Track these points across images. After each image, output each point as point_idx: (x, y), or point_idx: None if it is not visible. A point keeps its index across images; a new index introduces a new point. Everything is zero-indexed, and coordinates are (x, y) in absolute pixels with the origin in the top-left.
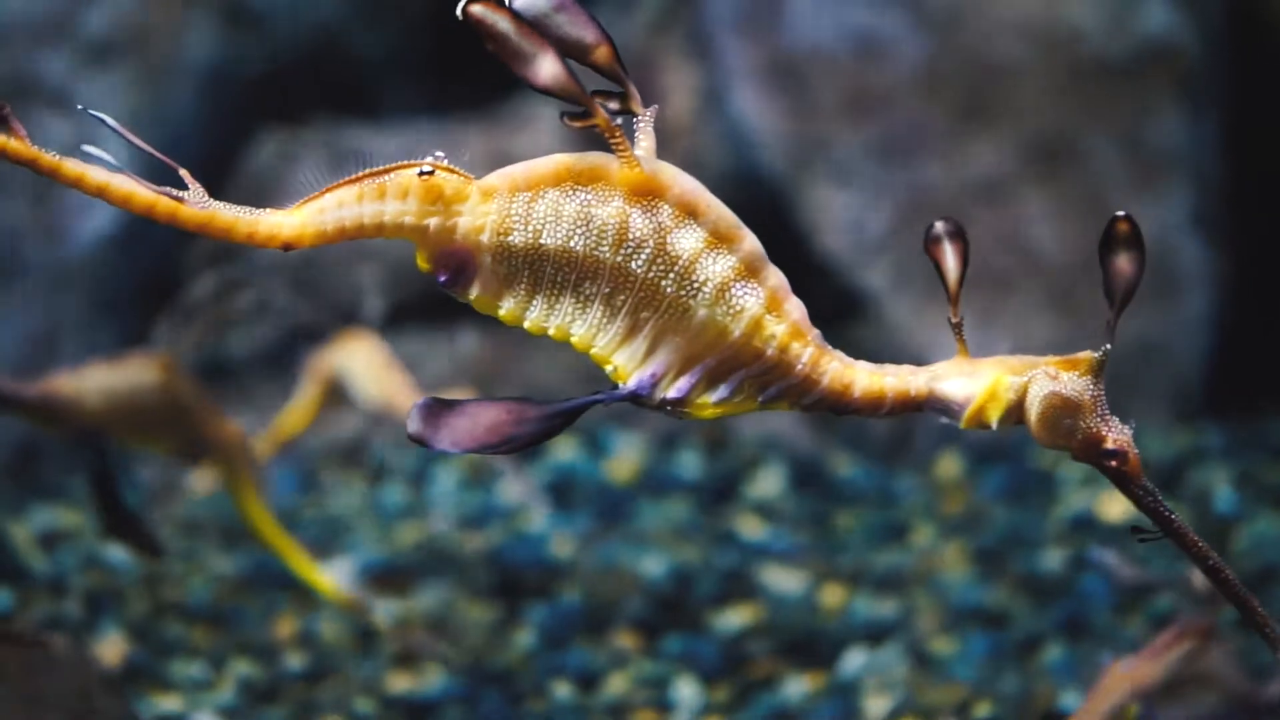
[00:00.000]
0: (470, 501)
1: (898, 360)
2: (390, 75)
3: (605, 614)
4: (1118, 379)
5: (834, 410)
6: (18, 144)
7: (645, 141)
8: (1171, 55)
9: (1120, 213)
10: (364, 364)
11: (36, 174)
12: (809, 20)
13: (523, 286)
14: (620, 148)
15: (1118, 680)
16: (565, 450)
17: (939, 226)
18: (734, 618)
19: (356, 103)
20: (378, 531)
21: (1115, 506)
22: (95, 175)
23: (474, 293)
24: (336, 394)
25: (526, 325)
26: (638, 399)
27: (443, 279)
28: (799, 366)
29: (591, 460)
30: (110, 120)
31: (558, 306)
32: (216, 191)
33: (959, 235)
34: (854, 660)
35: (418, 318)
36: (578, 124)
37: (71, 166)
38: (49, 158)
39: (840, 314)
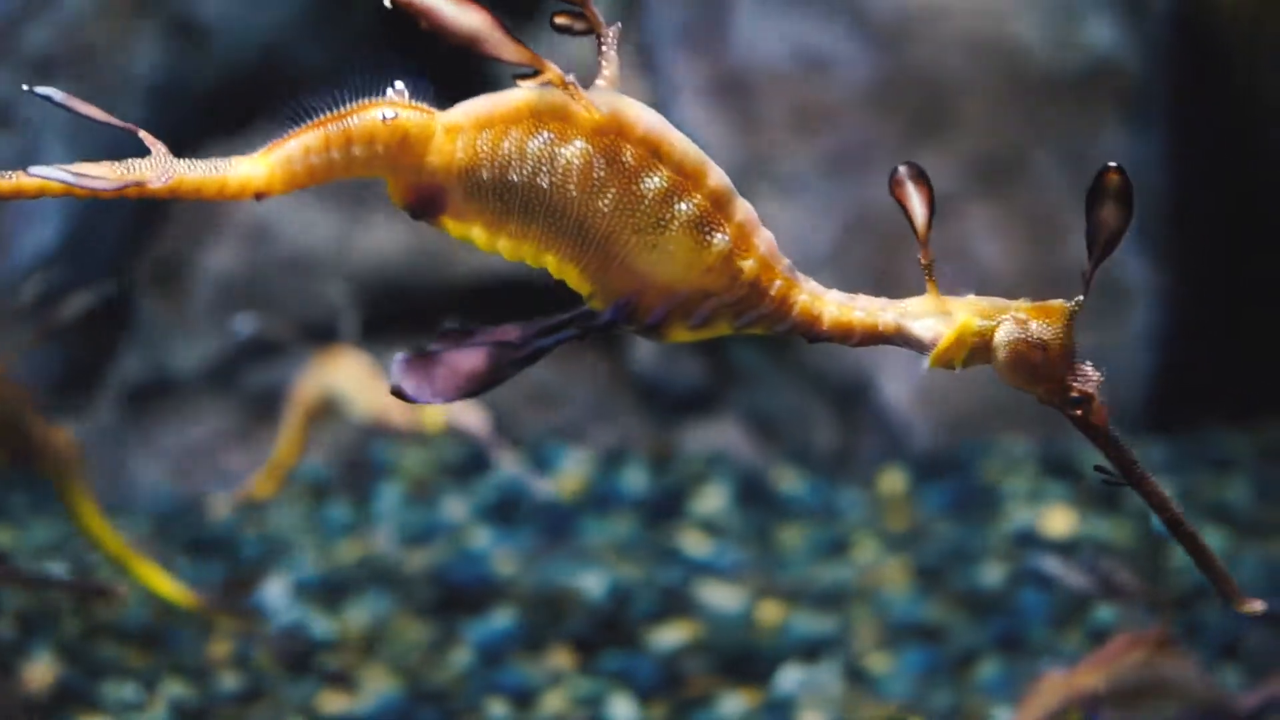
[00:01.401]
0: (414, 518)
1: (844, 376)
2: (338, 88)
3: (543, 632)
4: None
5: (805, 338)
6: None
7: (608, 70)
8: (1115, 71)
9: (1112, 164)
10: (351, 379)
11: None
12: (755, 35)
13: (495, 217)
14: (577, 98)
15: (1053, 686)
16: (510, 466)
17: (902, 170)
18: (671, 635)
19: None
20: (318, 549)
21: (1058, 521)
22: (59, 177)
23: (447, 222)
24: (329, 412)
25: (502, 251)
26: (614, 326)
27: (415, 212)
28: (769, 298)
29: (536, 476)
30: (57, 95)
31: (530, 235)
32: (163, 209)
33: (922, 177)
34: (790, 678)
35: (379, 333)
36: (530, 82)
37: (31, 180)
38: (6, 181)
39: None
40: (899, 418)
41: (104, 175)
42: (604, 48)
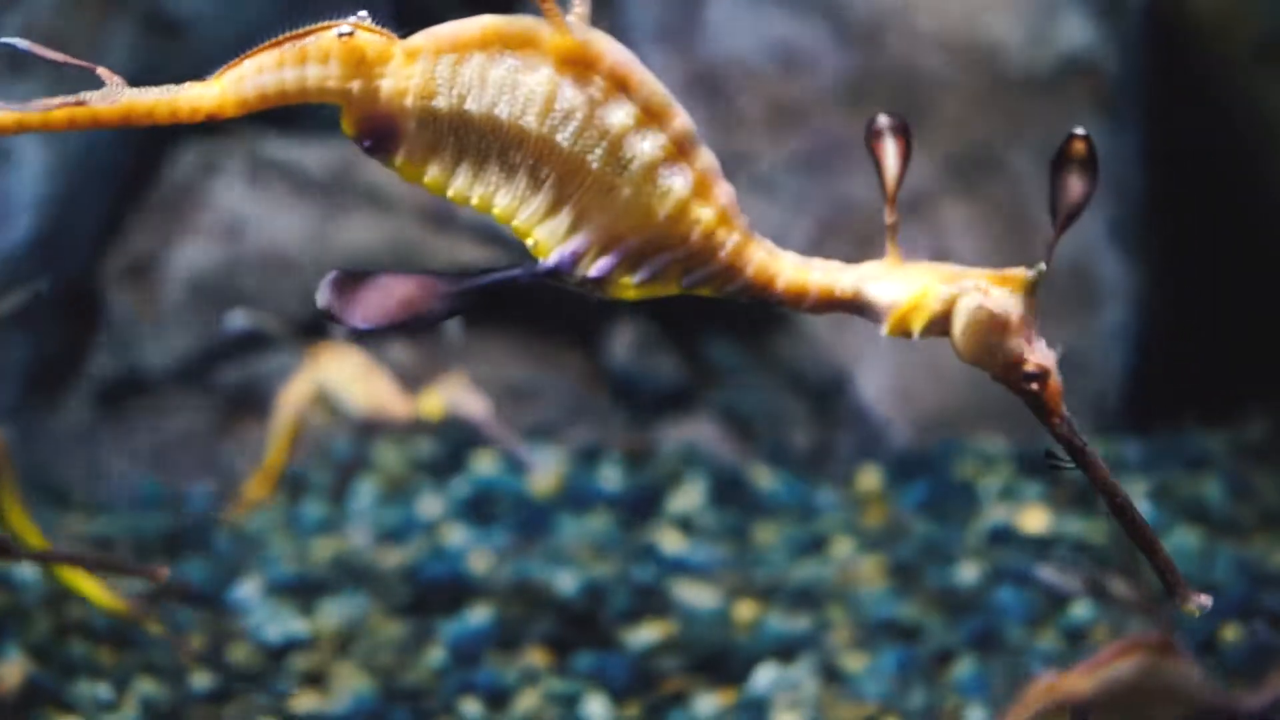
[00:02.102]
0: (389, 516)
1: (820, 374)
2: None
3: (517, 631)
4: None
5: (757, 300)
6: None
7: (579, 8)
8: (1091, 69)
9: (1079, 130)
10: (346, 375)
11: None
12: (729, 32)
13: (447, 153)
14: (551, 14)
15: (1040, 691)
16: (485, 464)
17: (882, 120)
18: (646, 634)
19: (278, 112)
20: (292, 547)
21: (1034, 519)
22: (8, 116)
23: (399, 159)
24: (325, 410)
25: (450, 194)
26: (557, 275)
27: (366, 145)
28: (723, 253)
29: (512, 474)
30: (20, 42)
31: (482, 175)
32: (135, 207)
33: (903, 131)
34: (764, 677)
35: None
36: None
37: None
38: None
39: (761, 327)
40: (876, 416)
41: (54, 103)
42: None
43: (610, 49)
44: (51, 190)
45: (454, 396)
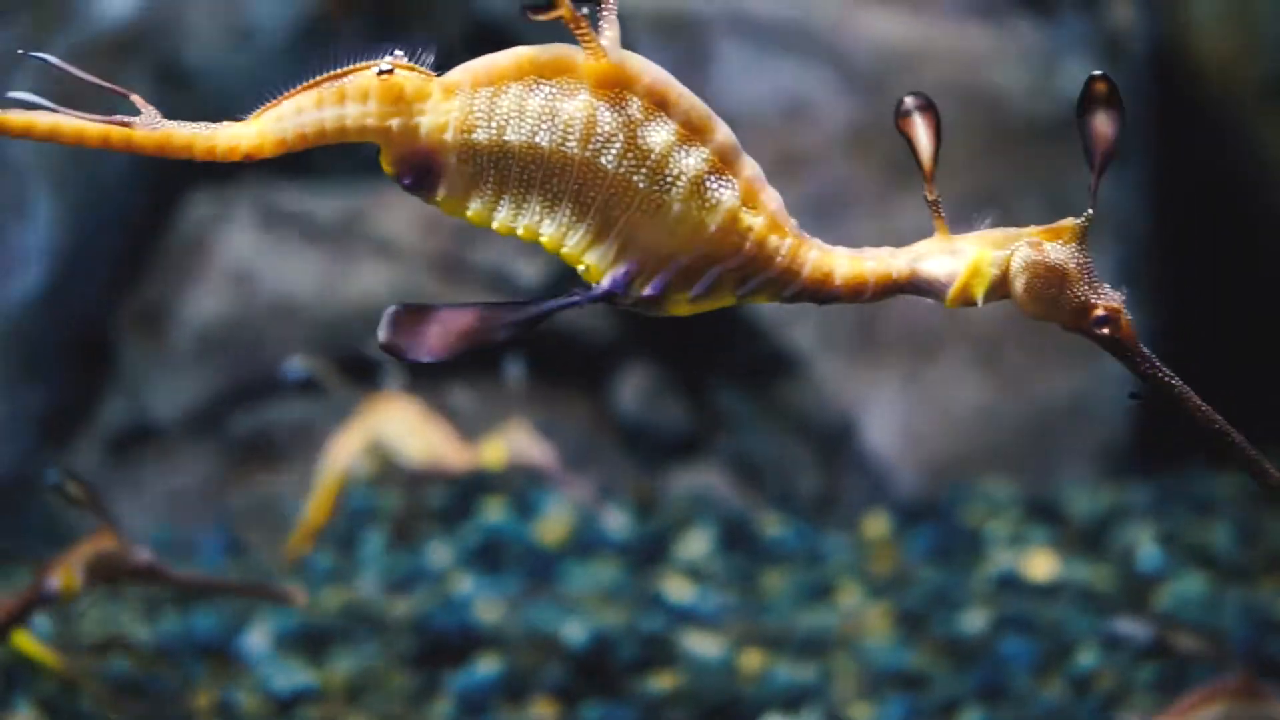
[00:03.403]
0: (398, 565)
1: (827, 420)
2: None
3: (525, 681)
4: (1044, 437)
5: (816, 300)
6: None
7: (610, 30)
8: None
9: (1097, 71)
10: (402, 425)
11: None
12: (736, 81)
13: (489, 186)
14: (586, 39)
15: None
16: (494, 512)
17: (909, 101)
18: (654, 684)
19: (288, 162)
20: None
21: (1041, 565)
22: (43, 121)
23: (440, 194)
24: (377, 461)
25: (495, 226)
26: (613, 298)
27: (407, 182)
28: (778, 259)
29: (521, 521)
30: (53, 59)
31: (526, 205)
32: (146, 255)
33: (930, 109)
34: None
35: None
36: (541, 16)
37: (16, 119)
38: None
39: (768, 373)
40: (882, 462)
41: (93, 119)
42: (605, 10)
43: (646, 68)
44: (63, 240)
45: (517, 445)
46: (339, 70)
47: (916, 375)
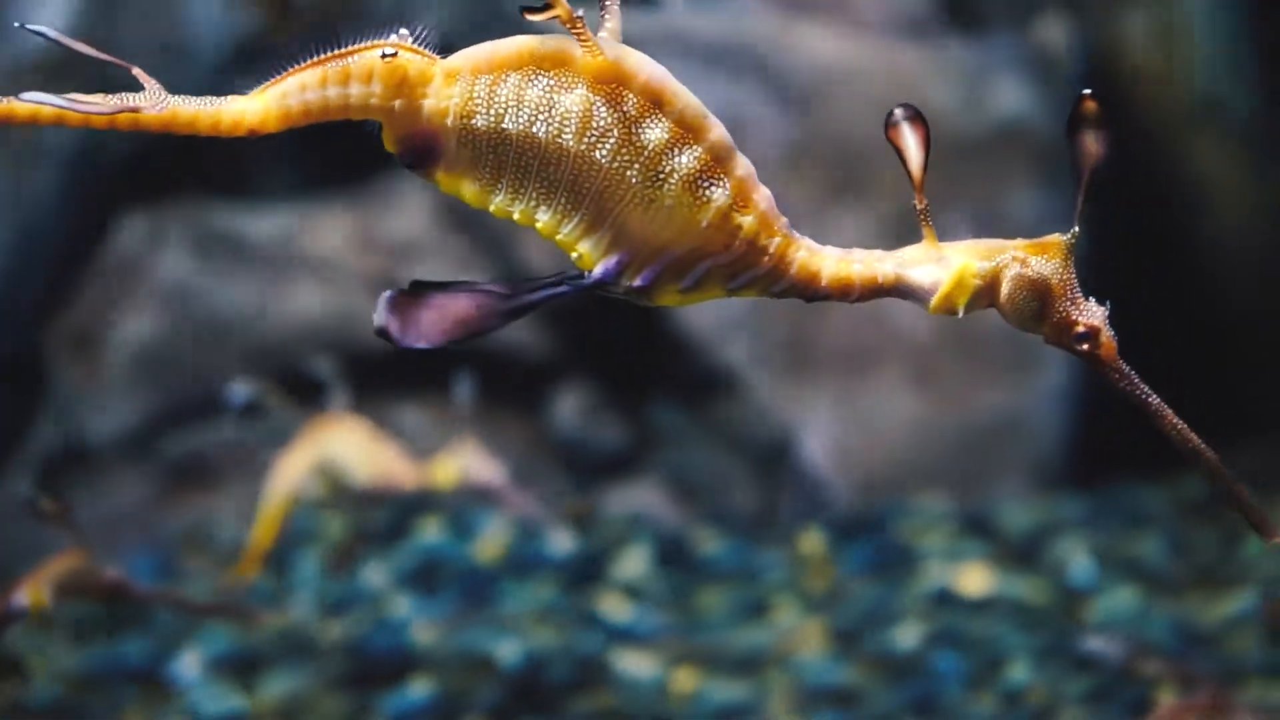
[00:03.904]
0: (333, 587)
1: (763, 437)
2: (259, 153)
3: (458, 703)
4: (978, 452)
5: (803, 297)
6: None
7: (611, 23)
8: (1025, 133)
9: (1087, 90)
10: (350, 445)
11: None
12: None
13: (487, 170)
14: (583, 37)
15: None
16: (431, 532)
17: (898, 112)
18: (586, 704)
19: (224, 182)
20: (235, 619)
21: (975, 580)
22: (50, 106)
23: (439, 175)
24: (325, 482)
25: (491, 209)
26: (603, 286)
27: (408, 161)
28: (766, 257)
29: (458, 541)
30: (50, 31)
31: (522, 191)
32: (79, 277)
33: (919, 119)
34: None
35: (302, 399)
36: (538, 16)
37: (23, 106)
38: (2, 105)
39: (704, 390)
40: (818, 478)
41: (98, 102)
42: (608, 3)
43: (642, 66)
44: None
45: (468, 464)
46: (344, 49)
47: (852, 391)
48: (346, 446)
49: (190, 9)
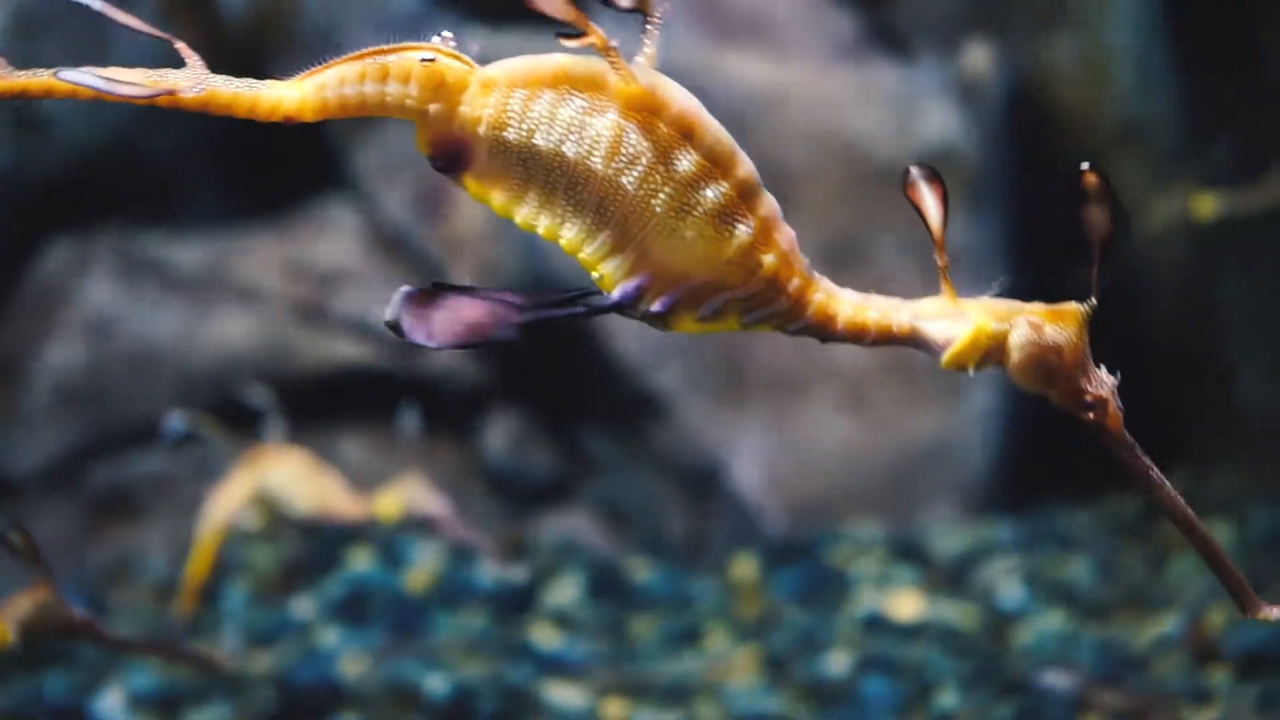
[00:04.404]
0: (260, 619)
1: (695, 463)
2: (184, 180)
3: None
4: (909, 476)
5: (818, 338)
6: (4, 80)
7: (648, 49)
8: (953, 159)
9: (1085, 164)
10: (290, 475)
11: (29, 100)
12: None
13: (515, 182)
14: (618, 67)
15: None
16: (360, 561)
17: (914, 171)
18: None
19: (150, 208)
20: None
21: (906, 605)
22: (91, 82)
23: (468, 181)
24: (264, 513)
25: (518, 220)
26: (621, 309)
27: (438, 164)
28: (784, 296)
29: (388, 571)
30: (95, 3)
31: (549, 206)
32: (2, 304)
33: (936, 178)
34: None
35: (232, 428)
36: (572, 43)
37: (65, 82)
38: (38, 81)
39: (636, 416)
40: (750, 503)
41: (137, 82)
42: (649, 27)
43: (676, 97)
44: None
45: (412, 496)
46: (385, 47)
47: (783, 416)
48: (286, 477)
49: (115, 32)
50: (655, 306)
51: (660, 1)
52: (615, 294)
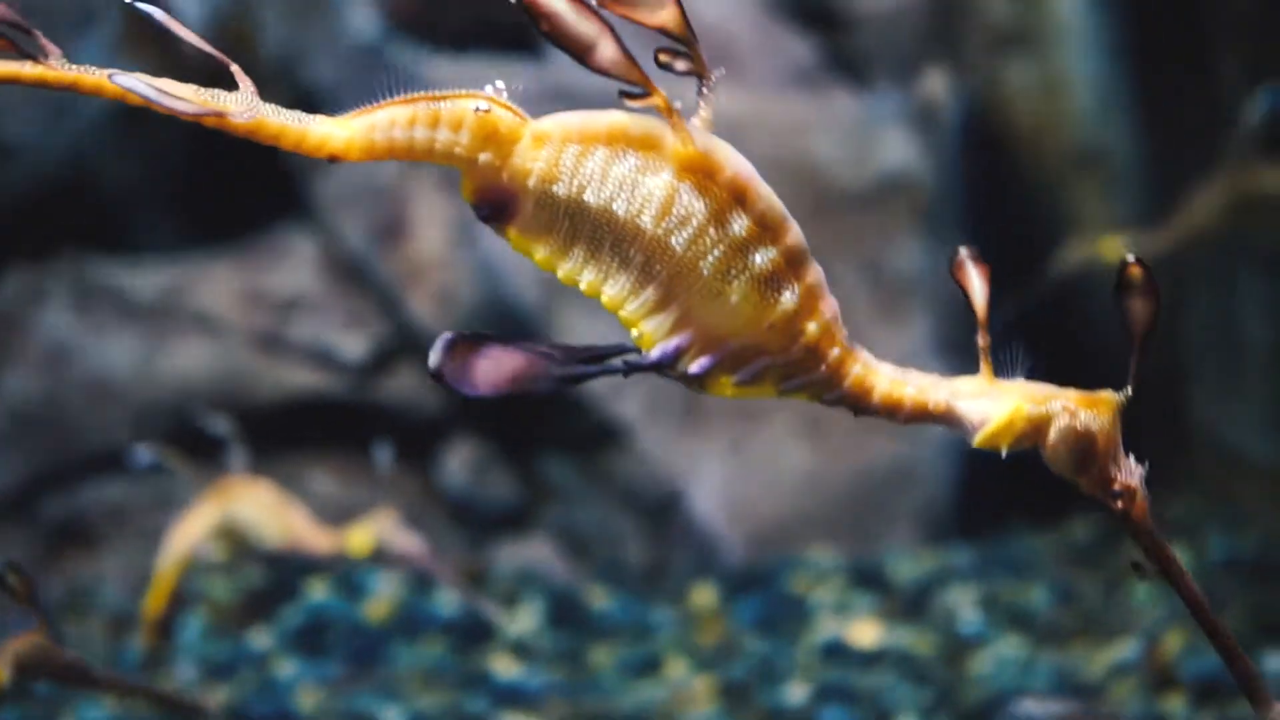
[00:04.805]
0: (217, 650)
1: (654, 491)
2: (141, 207)
3: None
4: (868, 503)
5: (852, 410)
6: (56, 71)
7: (704, 112)
8: (909, 185)
9: (1130, 256)
10: (256, 507)
11: (76, 94)
12: None
13: (560, 236)
14: (678, 128)
15: None
16: (318, 591)
17: (963, 251)
18: None
19: (106, 236)
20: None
21: (866, 632)
22: (143, 90)
23: (512, 232)
24: (229, 545)
25: (560, 275)
26: (659, 368)
27: (483, 213)
28: (824, 365)
29: (346, 601)
30: (157, 12)
31: (593, 262)
32: None
33: (982, 259)
34: None
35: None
36: (636, 104)
37: (116, 83)
38: (90, 78)
39: (595, 444)
40: (709, 531)
41: (188, 98)
42: (705, 90)
43: (731, 160)
44: None
45: (385, 533)
46: (438, 94)
47: (742, 443)
48: (254, 509)
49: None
50: (693, 368)
51: (715, 67)
52: (654, 353)
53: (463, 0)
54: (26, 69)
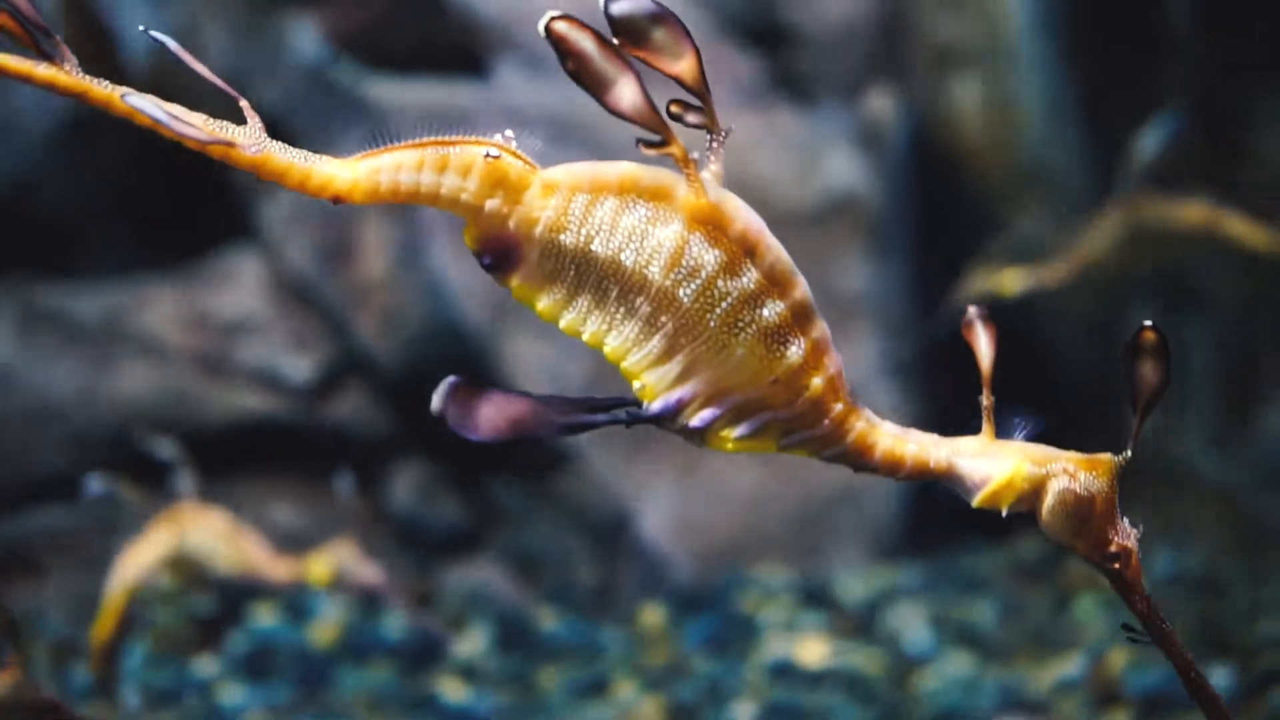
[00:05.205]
0: (161, 677)
1: (603, 511)
2: (85, 229)
3: None
4: (817, 522)
5: (853, 466)
6: (68, 77)
7: (714, 165)
8: (855, 205)
9: (1148, 322)
10: (209, 535)
11: (83, 103)
12: None
13: (565, 286)
14: (692, 180)
15: None
16: (265, 616)
17: (972, 311)
18: None
19: (50, 259)
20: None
21: (813, 651)
22: (153, 112)
23: (515, 282)
24: (181, 573)
25: (562, 325)
26: (659, 421)
27: (486, 262)
28: (826, 421)
29: (292, 625)
30: (172, 43)
31: (597, 313)
32: None
33: (990, 320)
34: None
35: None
36: (653, 151)
37: (126, 101)
38: (100, 91)
39: (544, 466)
40: (658, 551)
41: (198, 125)
42: (715, 143)
43: (741, 214)
44: None
45: (344, 562)
46: (446, 139)
47: (691, 464)
48: (207, 537)
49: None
50: (695, 421)
51: (727, 123)
52: (656, 405)
53: (408, 21)
54: (40, 70)
